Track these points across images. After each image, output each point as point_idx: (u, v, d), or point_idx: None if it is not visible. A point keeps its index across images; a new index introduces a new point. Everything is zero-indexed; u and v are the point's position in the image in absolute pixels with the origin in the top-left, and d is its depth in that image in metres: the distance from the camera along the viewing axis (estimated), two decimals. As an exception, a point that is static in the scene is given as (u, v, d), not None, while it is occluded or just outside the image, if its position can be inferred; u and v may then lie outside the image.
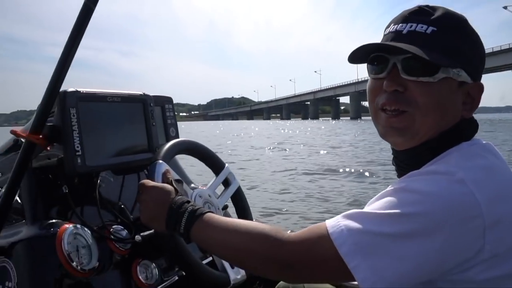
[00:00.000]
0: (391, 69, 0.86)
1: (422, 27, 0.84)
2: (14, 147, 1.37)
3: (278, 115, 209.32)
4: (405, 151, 0.91)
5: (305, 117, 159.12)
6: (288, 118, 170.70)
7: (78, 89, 1.19)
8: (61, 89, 1.14)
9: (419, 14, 0.87)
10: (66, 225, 1.15)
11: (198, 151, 1.43)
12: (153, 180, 1.12)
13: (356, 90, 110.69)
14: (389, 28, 0.91)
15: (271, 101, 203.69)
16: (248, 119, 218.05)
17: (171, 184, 1.08)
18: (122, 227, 1.30)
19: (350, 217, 0.77)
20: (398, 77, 0.85)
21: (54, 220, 1.19)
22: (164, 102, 1.62)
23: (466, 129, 0.89)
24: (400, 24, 0.88)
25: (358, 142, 21.83)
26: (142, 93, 1.39)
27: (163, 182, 1.11)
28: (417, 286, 0.77)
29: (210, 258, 1.34)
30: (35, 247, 1.13)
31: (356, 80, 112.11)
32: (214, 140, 25.16)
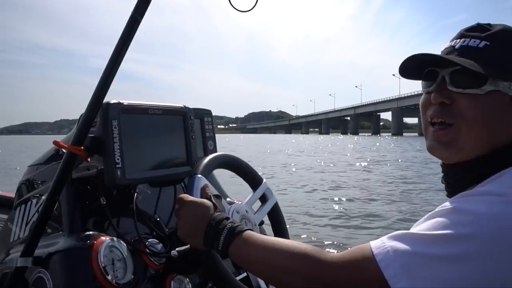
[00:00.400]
0: (440, 82, 0.87)
1: (475, 41, 0.85)
2: (55, 156, 1.39)
3: (317, 129, 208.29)
4: (454, 166, 0.90)
5: (344, 132, 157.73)
6: (327, 133, 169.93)
7: (121, 101, 1.21)
8: (104, 101, 1.16)
9: (475, 30, 0.88)
10: (103, 238, 1.16)
11: (236, 166, 1.43)
12: (191, 194, 1.12)
13: (398, 106, 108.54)
14: (445, 45, 0.92)
15: (311, 115, 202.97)
16: (286, 133, 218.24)
17: (210, 199, 1.07)
18: (157, 241, 1.30)
19: (396, 238, 0.75)
20: (445, 89, 0.86)
21: (91, 232, 1.20)
22: (203, 114, 1.62)
23: None
24: (455, 40, 0.89)
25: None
26: (183, 105, 1.41)
27: (201, 197, 1.11)
28: None
29: (244, 274, 1.32)
30: (71, 258, 1.14)
31: (398, 96, 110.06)
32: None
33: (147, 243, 1.26)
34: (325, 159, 22.99)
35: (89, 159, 1.18)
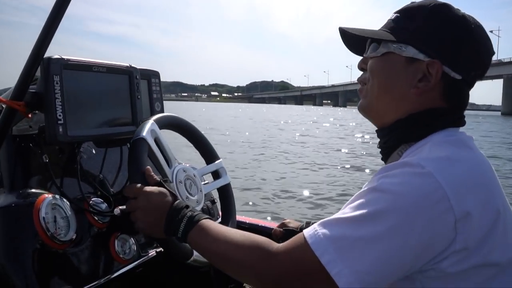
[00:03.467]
0: (366, 51, 1.06)
1: (392, 15, 1.03)
2: None
3: (329, 101, 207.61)
4: (381, 130, 1.05)
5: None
6: (344, 105, 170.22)
7: (63, 56, 1.26)
8: (45, 56, 1.20)
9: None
10: (45, 195, 1.22)
11: (194, 135, 1.51)
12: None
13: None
14: None
15: (326, 87, 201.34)
16: (296, 104, 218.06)
17: (161, 185, 1.16)
18: (102, 200, 1.39)
19: (326, 224, 0.84)
20: (364, 58, 1.07)
21: (33, 190, 1.27)
22: (150, 76, 1.69)
23: (441, 117, 0.96)
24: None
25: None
26: (128, 65, 1.46)
27: (149, 184, 1.17)
28: (396, 285, 0.86)
29: None
30: (11, 215, 1.20)
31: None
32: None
33: (91, 202, 1.36)
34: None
35: (30, 115, 1.24)
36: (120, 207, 1.29)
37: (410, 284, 0.86)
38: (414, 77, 0.96)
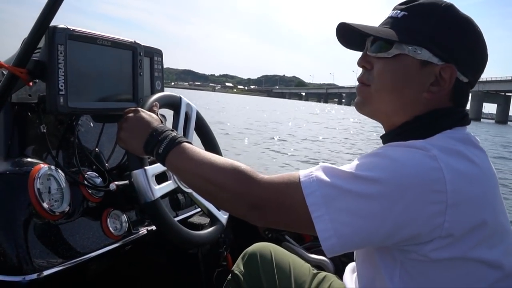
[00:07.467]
0: (366, 49, 1.08)
1: (396, 12, 1.05)
2: None
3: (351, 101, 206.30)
4: (386, 135, 1.11)
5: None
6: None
7: (69, 27, 1.33)
8: (51, 24, 1.26)
9: (406, 2, 1.06)
10: (41, 165, 1.31)
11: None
12: None
13: (478, 90, 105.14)
14: None
15: (354, 87, 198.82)
16: (322, 101, 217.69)
17: (155, 112, 1.29)
18: (97, 175, 1.49)
19: (323, 170, 0.93)
20: (366, 55, 1.08)
21: (28, 159, 1.36)
22: (153, 53, 1.78)
23: (447, 116, 1.02)
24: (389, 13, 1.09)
25: None
26: (133, 40, 1.54)
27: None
28: (373, 255, 0.96)
29: (182, 216, 1.52)
30: (5, 183, 1.28)
31: (480, 80, 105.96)
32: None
33: (86, 175, 1.45)
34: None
35: (31, 84, 1.32)
36: (116, 182, 1.39)
37: (391, 263, 0.94)
38: (427, 81, 1.01)
